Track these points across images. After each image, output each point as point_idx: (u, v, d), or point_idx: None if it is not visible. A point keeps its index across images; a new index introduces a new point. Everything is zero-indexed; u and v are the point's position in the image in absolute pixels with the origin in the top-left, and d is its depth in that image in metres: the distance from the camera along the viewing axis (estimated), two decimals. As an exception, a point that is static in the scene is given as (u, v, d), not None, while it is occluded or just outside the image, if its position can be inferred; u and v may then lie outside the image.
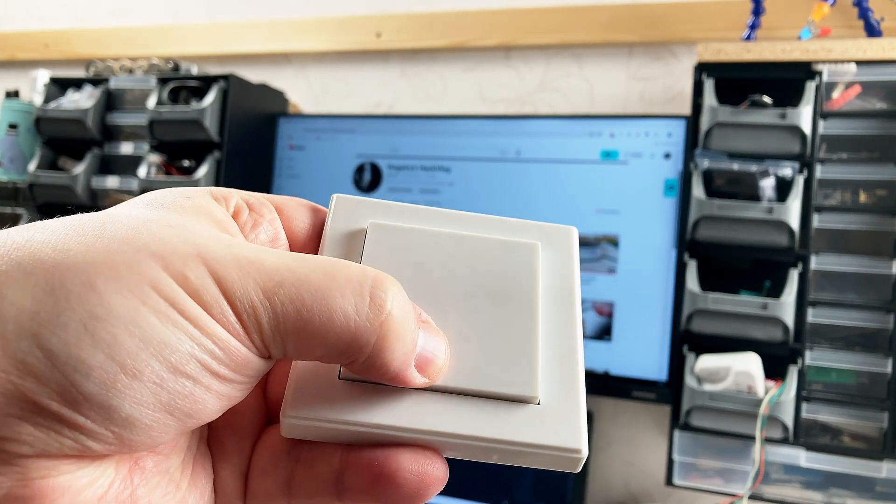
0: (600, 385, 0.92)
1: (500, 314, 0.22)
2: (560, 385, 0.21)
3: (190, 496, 0.19)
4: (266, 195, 0.23)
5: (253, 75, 1.19)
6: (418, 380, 0.20)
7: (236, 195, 0.22)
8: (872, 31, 0.87)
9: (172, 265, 0.17)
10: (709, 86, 0.84)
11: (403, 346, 0.19)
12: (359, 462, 0.20)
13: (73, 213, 0.19)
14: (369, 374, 0.19)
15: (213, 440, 0.21)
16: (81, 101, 1.14)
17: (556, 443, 0.20)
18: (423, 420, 0.20)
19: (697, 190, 0.83)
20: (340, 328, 0.18)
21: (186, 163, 1.09)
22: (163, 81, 1.10)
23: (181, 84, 1.09)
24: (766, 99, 0.82)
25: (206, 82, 1.08)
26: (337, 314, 0.18)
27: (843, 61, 0.80)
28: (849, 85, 0.80)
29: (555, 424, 0.20)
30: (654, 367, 0.90)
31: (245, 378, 0.18)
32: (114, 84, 1.14)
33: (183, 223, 0.19)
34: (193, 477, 0.20)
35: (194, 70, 1.14)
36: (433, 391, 0.20)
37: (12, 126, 1.21)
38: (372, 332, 0.19)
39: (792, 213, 0.79)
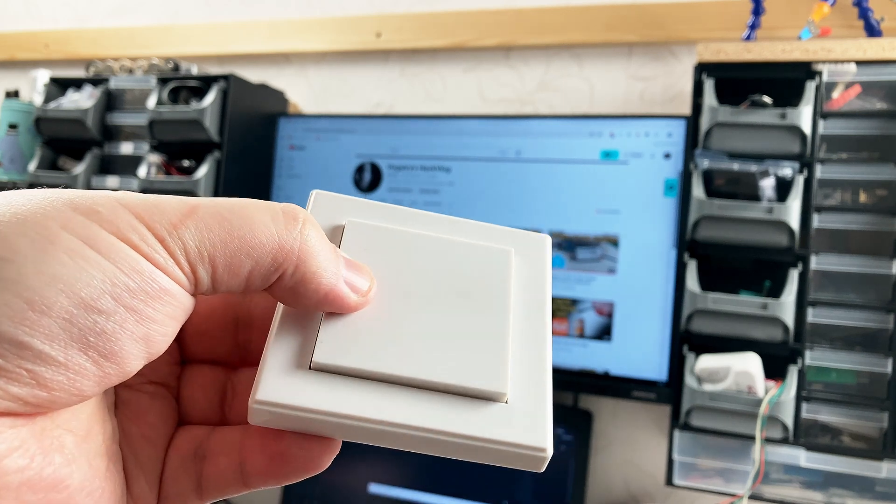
0: (600, 385, 0.92)
1: (471, 314, 0.22)
2: (528, 385, 0.22)
3: (108, 486, 0.19)
4: None
5: (253, 75, 1.19)
6: (352, 297, 0.21)
7: None
8: (872, 31, 0.87)
9: (84, 205, 0.17)
10: (709, 86, 0.84)
11: (327, 258, 0.20)
12: (252, 447, 0.21)
13: None
14: (304, 290, 0.20)
15: (127, 448, 0.21)
16: (81, 101, 1.14)
17: (523, 441, 0.20)
18: (392, 412, 0.20)
19: (697, 190, 0.83)
20: (263, 236, 0.19)
21: (186, 163, 1.09)
22: (163, 81, 1.10)
23: (181, 84, 1.09)
24: (766, 99, 0.82)
25: (206, 82, 1.08)
26: (257, 224, 0.19)
27: (843, 61, 0.80)
28: (849, 85, 0.80)
29: (522, 423, 0.21)
30: (654, 367, 0.90)
31: (163, 316, 0.18)
32: (114, 84, 1.14)
33: (104, 191, 0.20)
34: (109, 470, 0.20)
35: (194, 70, 1.14)
36: (402, 385, 0.21)
37: (12, 126, 1.21)
38: (294, 238, 0.19)
39: (792, 213, 0.79)
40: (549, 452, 0.20)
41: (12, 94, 1.25)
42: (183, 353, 0.24)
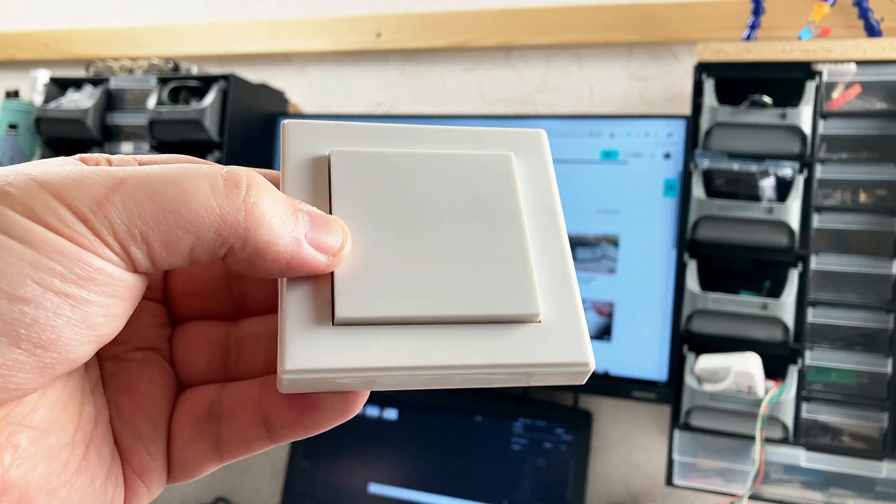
0: (600, 385, 0.92)
1: (486, 234, 0.21)
2: (557, 300, 0.21)
3: (78, 479, 0.18)
4: (136, 156, 0.21)
5: (253, 75, 1.19)
6: (320, 258, 0.19)
7: (102, 156, 0.20)
8: (872, 31, 0.87)
9: None
10: (709, 86, 0.84)
11: (282, 222, 0.18)
12: (279, 401, 0.20)
13: None
14: (262, 262, 0.18)
15: (121, 423, 0.20)
16: (81, 101, 1.14)
17: (565, 359, 0.20)
18: (431, 356, 0.19)
19: (697, 190, 0.83)
20: (202, 208, 0.17)
21: (186, 163, 1.09)
22: (163, 81, 1.10)
23: (181, 84, 1.09)
24: (766, 99, 0.82)
25: (206, 82, 1.08)
26: (193, 194, 0.17)
27: (843, 61, 0.80)
28: (849, 85, 0.80)
29: (560, 341, 0.20)
30: (654, 367, 0.90)
31: (102, 297, 0.16)
32: (114, 84, 1.14)
33: (20, 165, 0.17)
34: (85, 460, 0.18)
35: (194, 70, 1.14)
36: (430, 324, 0.19)
37: (12, 126, 1.21)
38: (237, 208, 0.17)
39: (792, 213, 0.79)
40: (593, 365, 0.20)
41: (12, 94, 1.25)
42: (173, 314, 0.23)
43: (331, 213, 0.21)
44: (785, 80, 0.83)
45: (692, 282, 0.83)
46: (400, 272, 0.20)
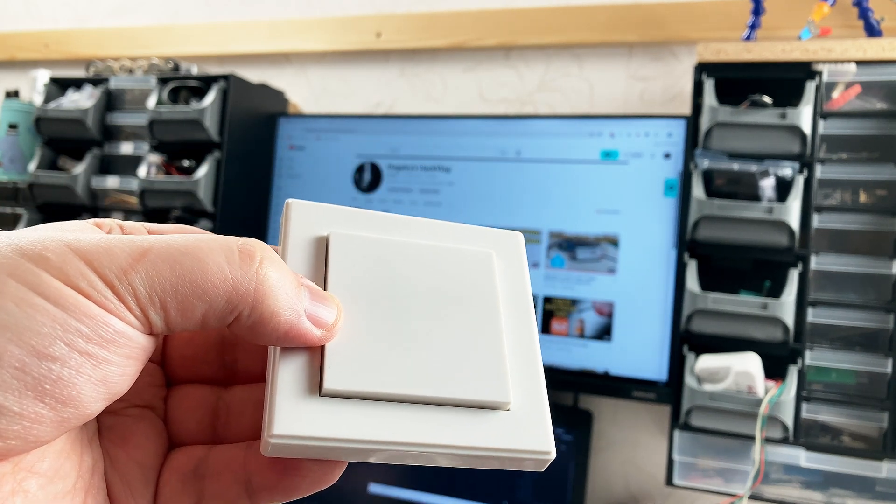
0: (600, 385, 0.92)
1: (465, 323, 0.23)
2: (525, 390, 0.22)
3: None
4: (145, 224, 0.23)
5: (253, 75, 1.19)
6: (315, 332, 0.20)
7: (114, 222, 0.22)
8: (872, 31, 0.87)
9: (32, 251, 0.17)
10: (709, 86, 0.84)
11: (287, 295, 0.19)
12: (261, 463, 0.21)
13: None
14: (262, 329, 0.19)
15: (115, 474, 0.21)
16: (81, 101, 1.14)
17: (529, 447, 0.21)
18: (407, 433, 0.20)
19: (697, 190, 0.83)
20: (217, 278, 0.18)
21: (186, 163, 1.09)
22: (163, 81, 1.10)
23: (181, 84, 1.09)
24: (766, 99, 0.82)
25: (206, 82, 1.08)
26: (210, 266, 0.18)
27: (843, 61, 0.80)
28: (849, 85, 0.80)
29: (525, 429, 0.21)
30: (654, 367, 0.90)
31: (120, 358, 0.18)
32: (114, 84, 1.14)
33: (49, 228, 0.19)
34: None
35: (194, 70, 1.14)
36: (409, 402, 0.21)
37: (12, 126, 1.21)
38: (249, 279, 0.19)
39: (792, 213, 0.79)
40: (553, 455, 0.21)
41: (12, 94, 1.25)
42: (169, 376, 0.24)
43: (325, 290, 0.22)
44: (785, 80, 0.83)
45: (692, 282, 0.83)
46: (386, 351, 0.21)
